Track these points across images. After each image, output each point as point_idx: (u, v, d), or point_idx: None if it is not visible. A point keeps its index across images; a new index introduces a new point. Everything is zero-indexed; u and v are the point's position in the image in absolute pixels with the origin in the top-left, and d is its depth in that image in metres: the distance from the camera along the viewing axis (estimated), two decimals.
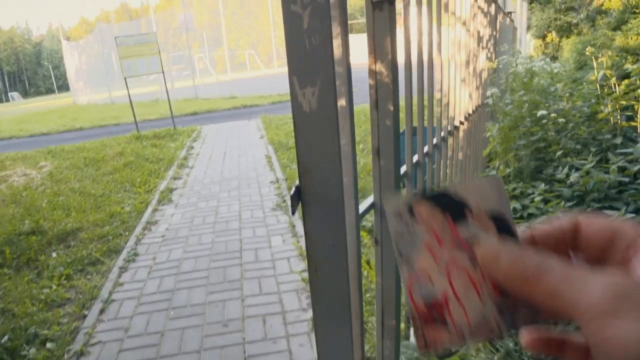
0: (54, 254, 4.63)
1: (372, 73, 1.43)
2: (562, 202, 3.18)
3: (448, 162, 2.65)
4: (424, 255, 0.35)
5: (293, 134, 1.01)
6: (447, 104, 2.68)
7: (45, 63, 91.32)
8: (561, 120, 3.96)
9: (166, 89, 11.71)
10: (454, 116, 2.84)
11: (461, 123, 3.14)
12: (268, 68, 36.52)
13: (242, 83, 24.83)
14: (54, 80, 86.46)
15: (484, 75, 4.28)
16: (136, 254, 4.32)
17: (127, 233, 4.92)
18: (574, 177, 3.28)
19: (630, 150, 3.35)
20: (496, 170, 4.39)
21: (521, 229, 0.36)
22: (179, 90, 22.45)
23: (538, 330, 0.37)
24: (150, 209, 5.57)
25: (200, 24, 29.54)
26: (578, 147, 3.89)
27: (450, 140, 2.67)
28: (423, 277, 0.35)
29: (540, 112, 3.99)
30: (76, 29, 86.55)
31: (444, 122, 2.51)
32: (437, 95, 2.26)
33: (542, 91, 4.54)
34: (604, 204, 3.08)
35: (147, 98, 21.66)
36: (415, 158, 1.88)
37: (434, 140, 2.13)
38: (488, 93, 4.31)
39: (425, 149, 1.99)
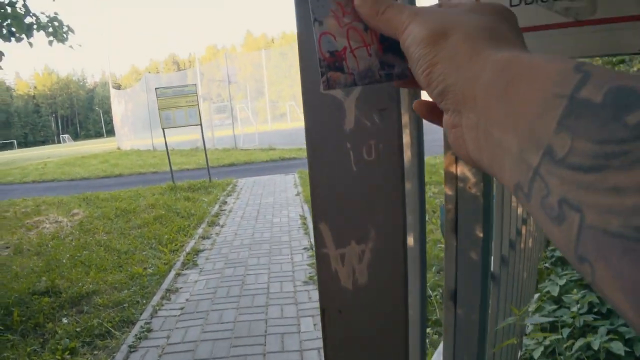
0: (65, 320, 4.26)
1: (451, 177, 0.99)
2: None
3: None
4: (331, 19, 0.45)
5: None
6: None
7: (96, 108, 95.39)
8: None
9: (203, 142, 11.57)
10: None
11: None
12: None
13: (282, 133, 24.82)
14: (103, 125, 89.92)
15: None
16: (149, 330, 3.89)
17: (144, 301, 4.51)
18: None
19: None
20: None
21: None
22: (219, 139, 22.56)
23: (424, 101, 0.46)
24: (173, 273, 5.18)
25: (244, 76, 30.04)
26: None
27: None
28: (329, 35, 0.45)
29: None
30: (126, 78, 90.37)
31: None
32: None
33: None
34: None
35: (187, 146, 21.84)
36: None
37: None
38: None
39: None
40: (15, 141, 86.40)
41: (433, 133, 1.03)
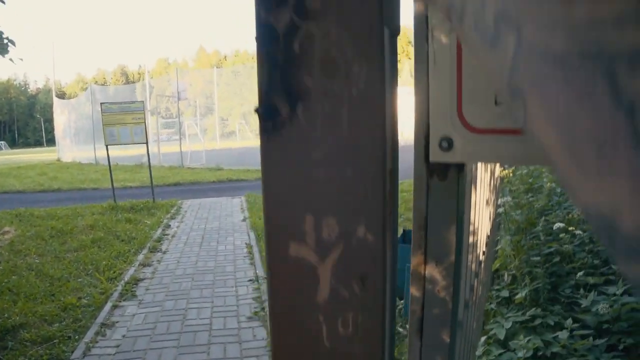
0: None
1: (419, 279, 0.93)
2: (591, 339, 2.86)
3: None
4: None
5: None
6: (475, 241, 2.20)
7: (37, 116, 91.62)
8: (578, 232, 3.63)
9: (149, 161, 11.25)
10: (479, 253, 2.36)
11: (483, 253, 2.66)
12: (258, 138, 36.52)
13: (230, 153, 24.54)
14: (43, 134, 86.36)
15: (498, 183, 3.90)
16: None
17: (77, 336, 4.23)
18: (602, 307, 2.94)
19: None
20: (506, 286, 3.98)
21: None
22: (166, 156, 22.04)
23: None
24: (109, 304, 4.90)
25: (194, 92, 29.67)
26: (597, 262, 3.53)
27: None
28: None
29: (556, 225, 3.68)
30: (72, 86, 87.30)
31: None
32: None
33: (551, 194, 4.26)
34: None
35: (131, 161, 21.17)
36: None
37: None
38: (500, 202, 3.93)
39: None
40: None
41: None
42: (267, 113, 0.40)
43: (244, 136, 36.22)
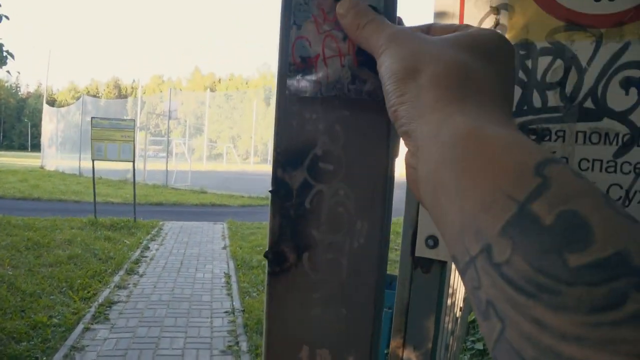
0: None
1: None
2: None
3: None
4: (311, 24, 0.44)
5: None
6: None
7: (25, 120, 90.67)
8: None
9: (134, 178, 11.19)
10: None
11: (460, 309, 2.69)
12: (244, 163, 36.56)
13: (216, 176, 24.50)
14: (29, 138, 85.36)
15: None
16: None
17: (45, 358, 4.15)
18: None
19: None
20: (481, 338, 3.96)
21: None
22: (151, 173, 21.92)
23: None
24: (81, 326, 4.82)
25: (185, 111, 29.74)
26: None
27: None
28: (305, 40, 0.45)
29: None
30: (63, 94, 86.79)
31: None
32: None
33: None
34: None
35: (116, 176, 21.03)
36: None
37: None
38: None
39: None
40: None
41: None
42: (276, 259, 0.45)
43: (231, 160, 36.29)
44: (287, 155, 0.44)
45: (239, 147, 40.09)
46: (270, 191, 0.44)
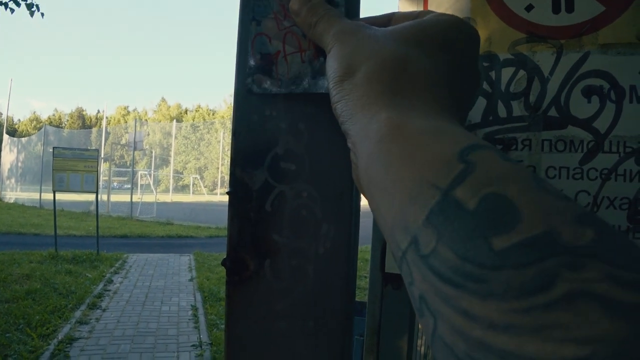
0: None
1: None
2: None
3: None
4: (271, 21, 0.43)
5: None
6: None
7: None
8: None
9: (97, 210, 10.90)
10: None
11: None
12: (211, 194, 36.22)
13: (182, 207, 24.17)
14: None
15: None
16: None
17: None
18: None
19: None
20: None
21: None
22: (115, 205, 21.47)
23: None
24: None
25: (151, 142, 29.45)
26: None
27: None
28: (265, 36, 0.43)
29: None
30: (25, 124, 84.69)
31: None
32: None
33: None
34: None
35: (79, 208, 20.50)
36: None
37: None
38: None
39: None
40: None
41: None
42: (235, 268, 0.42)
43: (198, 191, 35.88)
44: (246, 154, 0.42)
45: (205, 178, 39.78)
46: (227, 192, 0.41)
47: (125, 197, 22.70)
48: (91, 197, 12.36)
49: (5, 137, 31.82)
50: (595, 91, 0.79)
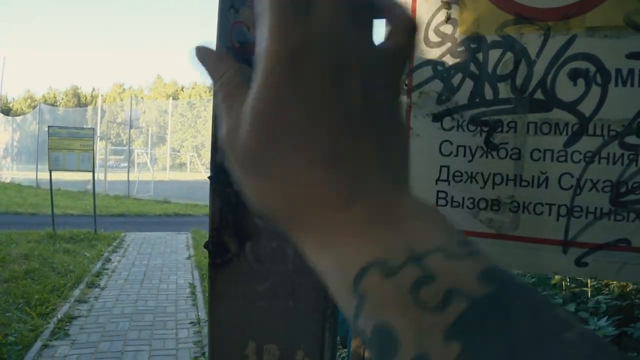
0: None
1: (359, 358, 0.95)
2: None
3: None
4: (249, 10, 0.42)
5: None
6: None
7: None
8: None
9: (94, 189, 10.91)
10: None
11: None
12: (208, 172, 36.12)
13: (179, 185, 24.16)
14: None
15: None
16: None
17: None
18: None
19: (591, 327, 3.03)
20: None
21: None
22: (112, 184, 21.47)
23: None
24: (39, 343, 4.65)
25: (148, 121, 29.31)
26: None
27: None
28: (243, 25, 0.42)
29: None
30: (19, 103, 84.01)
31: None
32: None
33: None
34: None
35: (75, 187, 20.48)
36: None
37: None
38: None
39: None
40: None
41: None
42: (217, 250, 0.43)
43: (195, 169, 35.85)
44: None
45: (202, 156, 39.69)
46: (208, 177, 0.42)
47: (122, 176, 22.70)
48: (88, 175, 12.34)
49: (0, 116, 31.64)
50: (581, 74, 0.79)
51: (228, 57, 0.36)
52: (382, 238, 0.28)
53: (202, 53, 0.36)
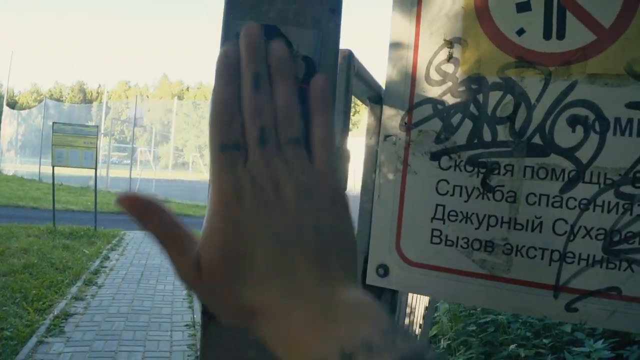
0: None
1: None
2: None
3: None
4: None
5: None
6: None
7: None
8: None
9: (95, 186, 10.93)
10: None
11: (420, 326, 2.71)
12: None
13: (181, 185, 24.19)
14: None
15: None
16: None
17: None
18: None
19: (586, 349, 3.01)
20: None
21: None
22: (114, 181, 21.50)
23: None
24: (34, 339, 4.65)
25: (152, 119, 29.37)
26: (529, 334, 3.63)
27: None
28: None
29: None
30: (25, 96, 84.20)
31: None
32: None
33: None
34: None
35: (78, 182, 20.51)
36: None
37: None
38: None
39: None
40: None
41: None
42: None
43: (197, 169, 35.90)
44: None
45: (205, 156, 39.70)
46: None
47: (124, 173, 22.71)
48: (90, 171, 12.38)
49: (6, 109, 31.72)
50: (580, 121, 0.80)
51: (156, 201, 0.42)
52: (318, 340, 0.32)
53: (128, 202, 0.40)
